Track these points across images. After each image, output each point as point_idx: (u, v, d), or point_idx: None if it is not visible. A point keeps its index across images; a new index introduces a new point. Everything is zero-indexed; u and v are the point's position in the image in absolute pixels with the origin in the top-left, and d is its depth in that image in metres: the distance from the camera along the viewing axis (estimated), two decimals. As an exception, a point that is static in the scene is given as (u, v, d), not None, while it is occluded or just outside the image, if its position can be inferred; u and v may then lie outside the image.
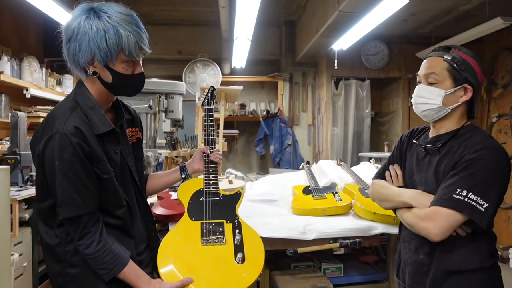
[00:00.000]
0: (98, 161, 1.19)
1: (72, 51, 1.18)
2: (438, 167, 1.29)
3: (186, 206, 1.54)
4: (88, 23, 1.14)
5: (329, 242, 1.74)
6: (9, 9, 4.22)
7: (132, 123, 1.42)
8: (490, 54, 4.43)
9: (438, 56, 1.31)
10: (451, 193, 1.19)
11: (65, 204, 1.16)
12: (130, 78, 1.23)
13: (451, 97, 1.29)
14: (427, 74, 1.32)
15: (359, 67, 5.01)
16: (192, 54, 5.30)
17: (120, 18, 1.15)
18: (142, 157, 1.47)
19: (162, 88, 2.82)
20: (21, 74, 3.87)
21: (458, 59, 1.28)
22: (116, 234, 1.25)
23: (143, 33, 1.21)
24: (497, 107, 4.37)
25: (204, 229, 1.46)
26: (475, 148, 1.22)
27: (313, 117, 5.67)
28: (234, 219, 1.51)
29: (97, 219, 1.21)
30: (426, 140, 1.39)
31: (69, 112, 1.19)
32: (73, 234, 1.19)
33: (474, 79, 1.28)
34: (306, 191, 2.15)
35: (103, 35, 1.13)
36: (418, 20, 4.14)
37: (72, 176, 1.15)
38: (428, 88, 1.31)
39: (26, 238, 2.60)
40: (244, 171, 4.74)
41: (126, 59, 1.18)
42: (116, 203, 1.25)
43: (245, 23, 3.52)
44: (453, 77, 1.28)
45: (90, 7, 1.18)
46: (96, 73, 1.20)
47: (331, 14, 3.52)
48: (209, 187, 1.56)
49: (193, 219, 1.50)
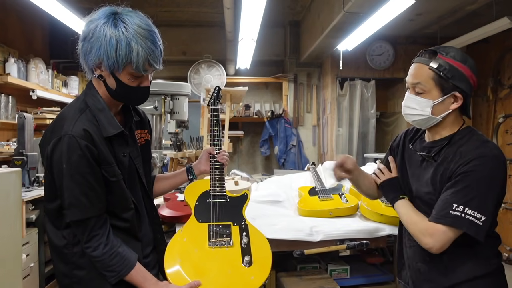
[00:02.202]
0: (106, 164, 1.19)
1: (84, 51, 1.18)
2: (434, 175, 1.27)
3: (193, 207, 1.54)
4: (103, 29, 1.13)
5: (336, 243, 1.73)
6: (16, 11, 4.24)
7: (141, 124, 1.41)
8: (496, 55, 4.40)
9: (423, 63, 1.24)
10: (447, 209, 1.17)
11: (72, 207, 1.16)
12: (134, 90, 1.21)
13: (440, 106, 1.24)
14: (414, 84, 1.26)
15: (364, 68, 4.99)
16: (196, 55, 5.31)
17: (136, 32, 1.13)
18: (150, 159, 1.46)
19: (167, 89, 2.83)
20: (27, 75, 3.90)
21: (444, 67, 1.20)
22: (123, 237, 1.25)
23: (157, 50, 1.18)
24: (503, 108, 4.34)
25: (211, 231, 1.46)
26: (469, 157, 1.18)
27: (318, 117, 5.66)
28: (241, 221, 1.51)
29: (104, 222, 1.21)
30: (422, 145, 1.36)
31: (79, 113, 1.19)
32: (80, 236, 1.19)
33: (464, 85, 1.22)
34: (312, 192, 2.14)
35: (114, 44, 1.12)
36: (424, 20, 4.11)
37: (79, 178, 1.15)
38: (416, 98, 1.26)
39: (33, 239, 2.61)
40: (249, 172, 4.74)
41: (133, 72, 1.17)
42: (123, 206, 1.25)
43: (250, 24, 3.52)
44: (440, 87, 1.22)
45: (112, 12, 1.16)
46: (102, 77, 1.20)
47: (337, 15, 3.51)
48: (216, 188, 1.55)
49: (200, 221, 1.50)
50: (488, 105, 4.53)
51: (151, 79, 1.26)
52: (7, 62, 3.63)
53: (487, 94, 4.48)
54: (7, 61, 3.64)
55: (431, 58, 1.23)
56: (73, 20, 3.39)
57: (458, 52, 1.24)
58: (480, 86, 4.66)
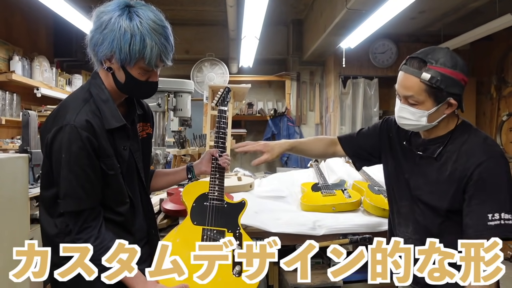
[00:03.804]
0: (105, 157, 1.18)
1: (94, 41, 1.16)
2: (439, 175, 1.26)
3: (189, 208, 1.50)
4: (118, 22, 1.12)
5: (339, 238, 1.73)
6: (20, 9, 4.27)
7: (144, 117, 1.41)
8: (500, 52, 4.39)
9: (414, 75, 1.20)
10: (484, 221, 1.15)
11: (68, 198, 1.15)
12: (143, 84, 1.21)
13: (435, 114, 1.23)
14: (406, 96, 1.23)
15: (367, 66, 4.99)
16: (199, 54, 5.32)
17: (150, 26, 1.13)
18: (150, 153, 1.45)
19: (170, 86, 2.84)
20: (32, 73, 3.92)
21: (436, 78, 1.17)
22: (116, 231, 1.23)
23: (169, 45, 1.18)
24: (507, 105, 4.33)
25: (204, 235, 1.43)
26: (479, 159, 1.18)
27: (320, 116, 5.66)
28: (235, 229, 1.47)
29: (97, 214, 1.20)
30: (418, 141, 1.35)
31: (82, 103, 1.18)
32: (72, 227, 1.18)
33: (457, 89, 1.20)
34: (315, 188, 2.14)
35: (128, 39, 1.12)
36: (427, 18, 4.11)
37: (78, 170, 1.14)
38: (410, 109, 1.24)
39: (37, 235, 2.61)
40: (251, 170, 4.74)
41: (144, 67, 1.17)
42: (119, 200, 1.24)
43: (253, 22, 3.52)
44: (434, 97, 1.20)
45: (126, 4, 1.15)
46: (111, 69, 1.19)
47: (339, 12, 3.51)
48: (215, 192, 1.52)
49: (195, 223, 1.46)
50: (492, 103, 4.52)
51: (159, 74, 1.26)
52: (11, 60, 3.66)
53: (491, 92, 4.47)
54: (12, 59, 3.67)
55: (420, 69, 1.20)
56: (77, 18, 3.41)
57: (447, 56, 1.20)
58: (483, 84, 4.65)
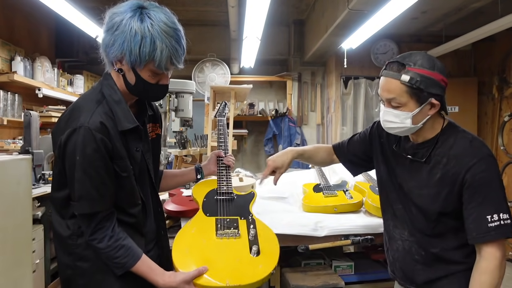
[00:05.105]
0: (118, 159, 1.19)
1: (106, 42, 1.16)
2: (430, 179, 1.29)
3: (201, 203, 1.56)
4: (129, 23, 1.12)
5: (341, 239, 1.73)
6: (22, 10, 4.28)
7: (154, 118, 1.41)
8: (502, 52, 4.37)
9: (394, 78, 1.23)
10: (485, 224, 1.18)
11: (82, 200, 1.15)
12: (153, 86, 1.21)
13: (418, 116, 1.25)
14: (389, 99, 1.27)
15: (368, 66, 4.98)
16: (201, 54, 5.32)
17: (162, 29, 1.13)
18: (159, 154, 1.47)
19: (172, 87, 2.83)
20: (33, 74, 3.93)
21: (415, 79, 1.20)
22: (128, 232, 1.24)
23: (180, 48, 1.18)
24: (509, 106, 4.32)
25: (218, 224, 1.47)
26: (469, 163, 1.21)
27: (322, 116, 5.65)
28: (248, 215, 1.53)
29: (111, 216, 1.21)
30: (407, 145, 1.37)
31: (96, 105, 1.18)
32: (86, 229, 1.18)
33: (437, 89, 1.23)
34: (316, 189, 2.14)
35: (139, 41, 1.11)
36: (429, 18, 4.10)
37: (92, 172, 1.14)
38: (394, 112, 1.27)
39: (38, 236, 2.63)
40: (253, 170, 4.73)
41: (154, 69, 1.17)
42: (131, 202, 1.25)
43: (254, 23, 3.52)
44: (415, 98, 1.23)
45: (139, 5, 1.15)
46: (122, 70, 1.19)
47: (341, 12, 3.51)
48: (223, 187, 1.60)
49: (207, 215, 1.51)
50: (494, 103, 4.50)
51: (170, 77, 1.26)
52: (13, 61, 3.67)
53: (493, 92, 4.46)
54: (14, 59, 3.67)
55: (400, 71, 1.23)
56: (79, 19, 3.41)
57: (424, 58, 1.23)
58: (485, 84, 4.64)
